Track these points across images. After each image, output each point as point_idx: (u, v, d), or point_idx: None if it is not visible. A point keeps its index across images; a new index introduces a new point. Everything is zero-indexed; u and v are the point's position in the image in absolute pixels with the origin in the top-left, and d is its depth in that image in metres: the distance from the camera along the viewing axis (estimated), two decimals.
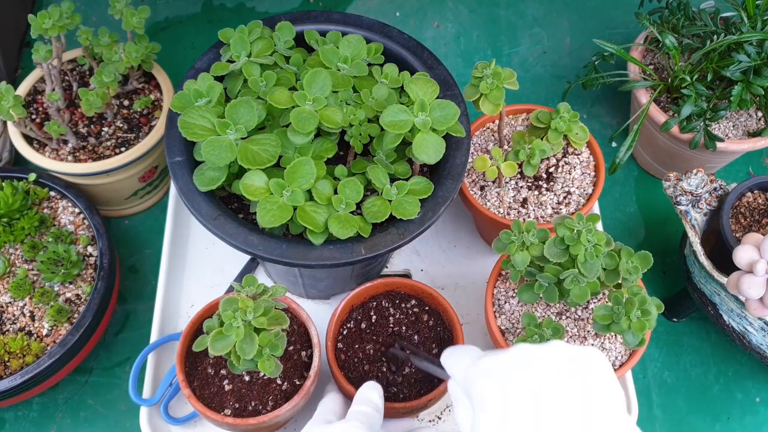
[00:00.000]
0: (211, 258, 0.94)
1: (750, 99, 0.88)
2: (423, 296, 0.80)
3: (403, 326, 0.78)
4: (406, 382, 0.75)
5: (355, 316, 0.79)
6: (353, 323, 0.78)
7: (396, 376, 0.75)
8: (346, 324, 0.78)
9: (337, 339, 0.77)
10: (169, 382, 0.83)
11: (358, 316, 0.79)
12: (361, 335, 0.78)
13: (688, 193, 0.86)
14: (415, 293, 0.80)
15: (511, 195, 0.85)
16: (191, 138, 0.65)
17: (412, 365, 0.75)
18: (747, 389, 0.92)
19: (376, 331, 0.78)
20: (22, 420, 0.87)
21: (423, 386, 0.75)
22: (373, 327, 0.78)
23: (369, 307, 0.79)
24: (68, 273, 0.83)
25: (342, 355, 0.76)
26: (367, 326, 0.78)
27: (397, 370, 0.75)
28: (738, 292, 0.73)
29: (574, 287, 0.69)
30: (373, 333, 0.78)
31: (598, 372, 0.52)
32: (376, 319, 0.79)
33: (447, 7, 1.24)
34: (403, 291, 0.80)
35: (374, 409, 0.66)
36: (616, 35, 1.21)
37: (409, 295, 0.80)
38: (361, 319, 0.78)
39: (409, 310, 0.80)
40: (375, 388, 0.68)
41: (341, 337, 0.78)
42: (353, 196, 0.68)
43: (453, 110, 0.67)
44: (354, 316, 0.79)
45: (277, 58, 0.75)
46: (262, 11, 1.23)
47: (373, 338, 0.77)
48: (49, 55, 0.86)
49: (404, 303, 0.80)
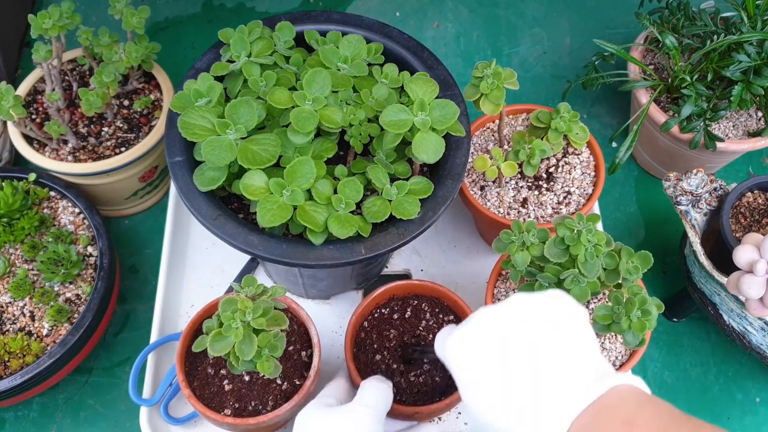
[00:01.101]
0: (211, 258, 0.94)
1: (750, 99, 0.88)
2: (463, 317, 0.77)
3: (431, 334, 0.77)
4: (410, 390, 0.74)
5: (392, 305, 0.78)
6: (388, 310, 0.78)
7: (403, 379, 0.74)
8: (380, 309, 0.77)
9: (365, 318, 0.77)
10: (169, 382, 0.83)
11: (395, 306, 0.78)
12: (391, 324, 0.77)
13: (688, 193, 0.86)
14: (458, 311, 0.78)
15: (511, 195, 0.85)
16: (191, 138, 0.65)
17: (420, 374, 0.74)
18: (747, 389, 0.92)
19: (404, 326, 0.77)
20: (22, 420, 0.87)
21: (425, 397, 0.73)
22: (404, 322, 0.77)
23: (408, 303, 0.78)
24: (68, 273, 0.83)
25: (362, 333, 0.76)
26: (399, 318, 0.77)
27: (406, 372, 0.74)
28: (738, 292, 0.73)
29: (574, 287, 0.69)
30: (401, 325, 0.77)
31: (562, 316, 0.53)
32: (410, 317, 0.77)
33: (447, 7, 1.24)
34: (446, 303, 0.78)
35: (389, 387, 0.66)
36: (616, 35, 1.21)
37: (451, 310, 0.78)
38: (397, 309, 0.78)
39: (444, 323, 0.78)
40: (379, 386, 0.66)
41: (371, 317, 0.77)
42: (353, 196, 0.68)
43: (453, 110, 0.67)
44: (391, 305, 0.78)
45: (277, 58, 0.75)
46: (262, 11, 1.23)
47: (400, 330, 0.76)
48: (49, 55, 0.86)
49: (444, 315, 0.78)
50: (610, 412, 0.45)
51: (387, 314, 0.78)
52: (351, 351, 0.74)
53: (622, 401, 0.46)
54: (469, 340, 0.54)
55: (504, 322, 0.53)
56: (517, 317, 0.53)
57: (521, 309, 0.54)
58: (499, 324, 0.53)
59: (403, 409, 0.70)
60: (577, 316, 0.54)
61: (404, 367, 0.75)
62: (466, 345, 0.54)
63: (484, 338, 0.53)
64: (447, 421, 0.83)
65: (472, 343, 0.54)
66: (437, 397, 0.73)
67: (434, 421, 0.83)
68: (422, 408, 0.71)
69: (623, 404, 0.46)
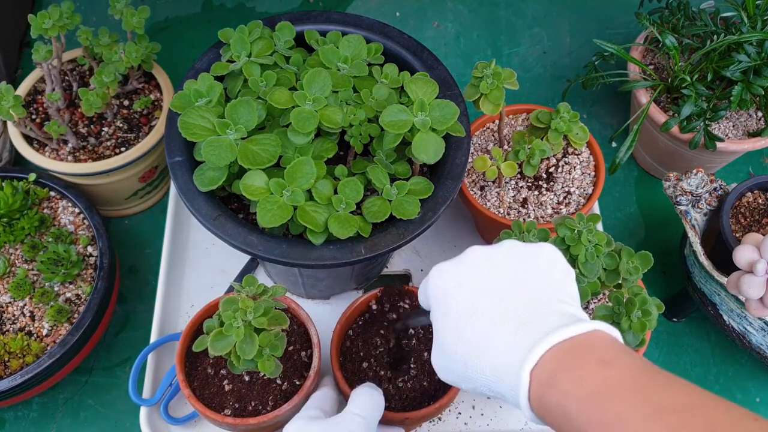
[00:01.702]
0: (211, 258, 0.94)
1: (750, 99, 0.88)
2: None
3: (415, 339, 0.77)
4: (399, 396, 0.73)
5: (376, 312, 0.78)
6: (369, 316, 0.77)
7: (391, 385, 0.74)
8: (366, 313, 0.77)
9: (350, 327, 0.76)
10: (169, 382, 0.83)
11: (380, 312, 0.78)
12: (377, 330, 0.76)
13: (688, 193, 0.86)
14: None
15: (511, 195, 0.85)
16: (191, 138, 0.65)
17: (408, 380, 0.74)
18: (747, 389, 0.92)
19: (389, 333, 0.77)
20: (22, 420, 0.87)
21: (414, 403, 0.73)
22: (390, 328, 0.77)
23: (395, 308, 0.78)
24: (68, 273, 0.83)
25: (348, 342, 0.76)
26: (387, 323, 0.77)
27: (394, 378, 0.74)
28: (738, 292, 0.73)
29: None
30: (387, 333, 0.76)
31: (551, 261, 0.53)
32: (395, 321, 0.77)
33: (447, 7, 1.24)
34: None
35: (381, 395, 0.66)
36: (616, 35, 1.21)
37: None
38: (388, 310, 0.77)
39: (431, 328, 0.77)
40: (372, 394, 0.66)
41: (355, 326, 0.77)
42: (353, 196, 0.68)
43: (453, 110, 0.67)
44: (375, 311, 0.78)
45: (277, 58, 0.75)
46: (262, 11, 1.23)
47: (386, 337, 0.76)
48: (49, 55, 0.86)
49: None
50: (587, 349, 0.45)
51: (370, 320, 0.77)
52: (337, 360, 0.74)
53: (600, 343, 0.46)
54: (454, 268, 0.54)
55: (492, 256, 0.53)
56: (507, 254, 0.53)
57: (512, 249, 0.54)
58: (487, 257, 0.53)
59: (393, 416, 0.70)
60: (564, 268, 0.54)
61: (392, 374, 0.75)
62: (452, 273, 0.54)
63: (471, 267, 0.53)
64: (447, 421, 0.83)
65: (458, 271, 0.53)
66: (426, 401, 0.73)
67: (433, 422, 0.83)
68: (412, 414, 0.71)
69: (601, 345, 0.45)
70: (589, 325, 0.46)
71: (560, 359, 0.45)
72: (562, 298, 0.50)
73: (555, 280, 0.52)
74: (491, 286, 0.51)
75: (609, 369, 0.44)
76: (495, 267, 0.53)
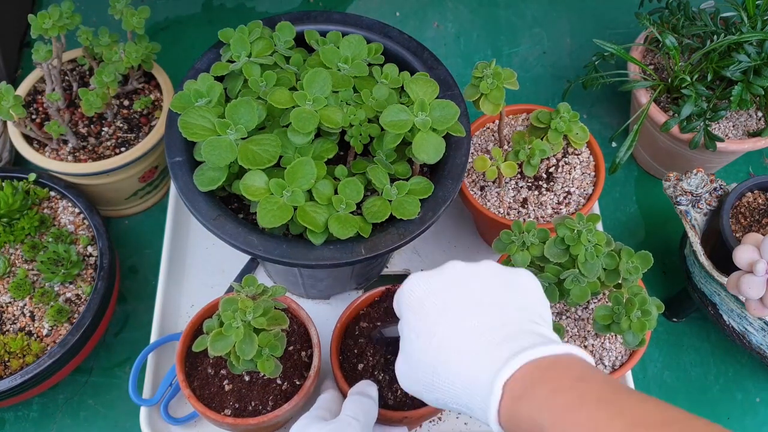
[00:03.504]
0: (211, 258, 0.94)
1: (750, 99, 0.88)
2: None
3: None
4: (398, 395, 0.73)
5: (373, 312, 0.77)
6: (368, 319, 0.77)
7: (387, 391, 0.73)
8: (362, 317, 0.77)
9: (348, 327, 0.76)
10: (169, 382, 0.83)
11: (377, 313, 0.77)
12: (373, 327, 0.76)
13: (688, 193, 0.86)
14: None
15: (511, 195, 0.85)
16: (191, 138, 0.65)
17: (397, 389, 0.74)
18: (747, 389, 0.92)
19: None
20: (22, 420, 0.87)
21: (413, 402, 0.72)
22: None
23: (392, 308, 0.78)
24: (68, 273, 0.83)
25: (348, 342, 0.76)
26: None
27: (390, 382, 0.74)
28: (738, 292, 0.73)
29: (574, 287, 0.69)
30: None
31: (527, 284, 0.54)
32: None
33: (447, 7, 1.24)
34: None
35: (372, 401, 0.66)
36: (616, 35, 1.21)
37: None
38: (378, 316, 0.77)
39: None
40: (362, 399, 0.67)
41: (354, 325, 0.77)
42: (353, 196, 0.68)
43: (453, 110, 0.67)
44: (372, 311, 0.77)
45: (277, 58, 0.75)
46: (262, 11, 1.23)
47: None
48: (49, 55, 0.86)
49: None
50: (561, 368, 0.45)
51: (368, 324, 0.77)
52: (337, 360, 0.74)
53: (575, 364, 0.46)
54: (432, 278, 0.54)
55: (472, 272, 0.53)
56: (487, 272, 0.54)
57: (491, 268, 0.54)
58: (467, 272, 0.53)
59: (392, 415, 0.70)
60: (540, 294, 0.54)
61: (391, 374, 0.74)
62: (430, 282, 0.53)
63: (449, 279, 0.53)
64: (447, 420, 0.83)
65: (436, 280, 0.53)
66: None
67: (433, 422, 0.83)
68: (411, 413, 0.71)
69: (576, 366, 0.46)
70: (564, 348, 0.47)
71: (534, 375, 0.45)
72: (537, 320, 0.51)
73: (531, 303, 0.53)
74: (469, 299, 0.51)
75: (585, 384, 0.44)
76: (474, 282, 0.53)
